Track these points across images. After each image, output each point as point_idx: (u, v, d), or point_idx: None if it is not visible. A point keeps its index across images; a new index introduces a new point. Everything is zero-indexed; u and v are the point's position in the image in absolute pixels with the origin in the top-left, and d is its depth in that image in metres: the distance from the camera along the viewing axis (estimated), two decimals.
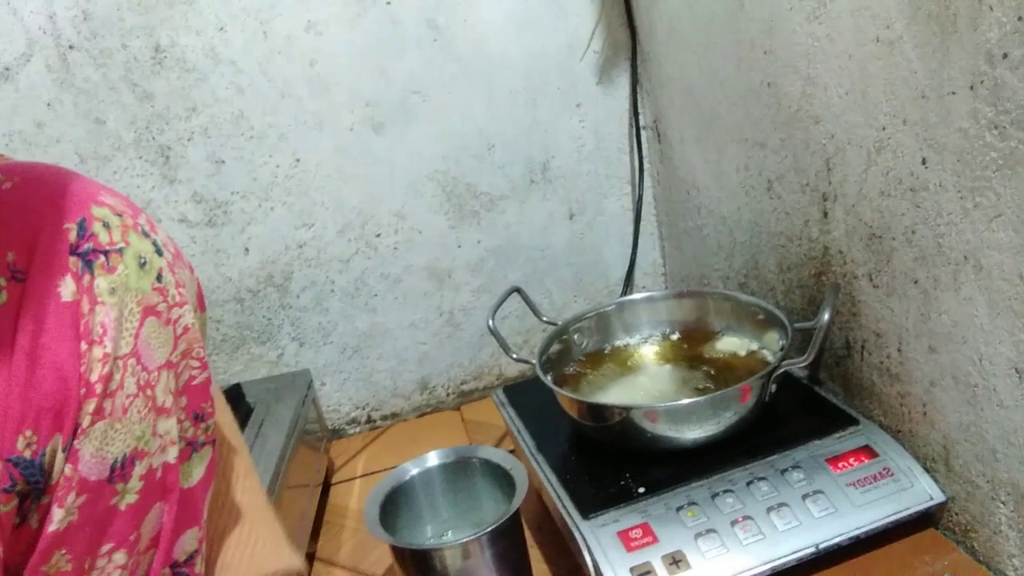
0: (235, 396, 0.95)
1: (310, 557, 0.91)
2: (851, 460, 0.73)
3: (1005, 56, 0.53)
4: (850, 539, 0.68)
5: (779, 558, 0.67)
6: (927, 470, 0.72)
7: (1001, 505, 0.65)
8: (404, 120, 1.08)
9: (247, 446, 0.64)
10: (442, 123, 1.10)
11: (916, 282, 0.68)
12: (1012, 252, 0.57)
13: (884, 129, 0.67)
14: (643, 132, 1.16)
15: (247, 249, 1.08)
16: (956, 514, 0.70)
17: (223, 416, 0.61)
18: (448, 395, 1.21)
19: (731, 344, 0.89)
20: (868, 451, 0.73)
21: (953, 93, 0.59)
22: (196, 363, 0.50)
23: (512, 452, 0.82)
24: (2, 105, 0.96)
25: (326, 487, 1.05)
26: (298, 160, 1.06)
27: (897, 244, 0.69)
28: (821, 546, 0.67)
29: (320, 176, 1.07)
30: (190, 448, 0.50)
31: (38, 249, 0.43)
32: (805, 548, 0.67)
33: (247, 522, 0.59)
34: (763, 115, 0.85)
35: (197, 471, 0.50)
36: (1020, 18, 0.52)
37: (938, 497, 0.70)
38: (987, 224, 0.59)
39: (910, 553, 0.69)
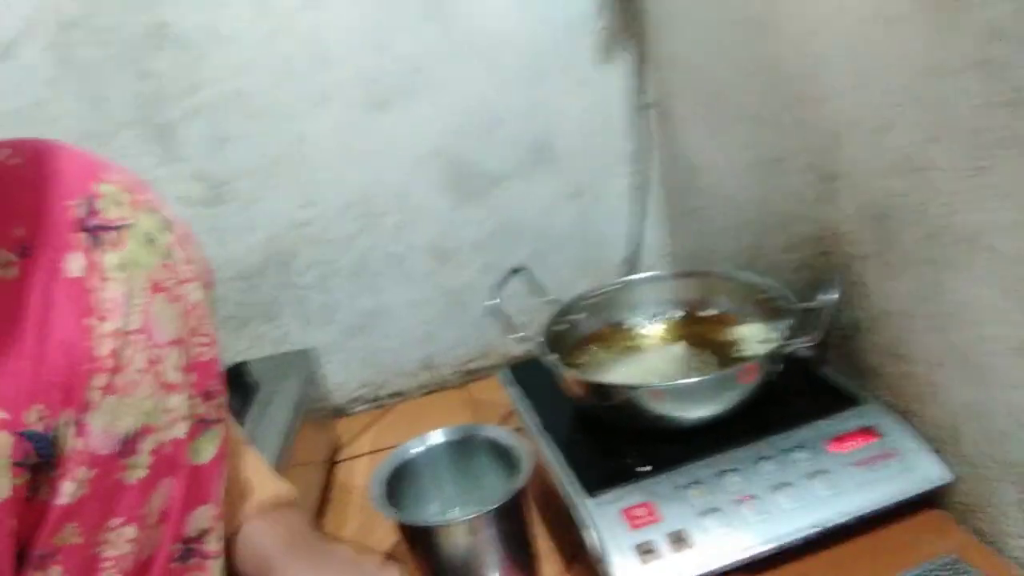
0: (240, 374, 0.96)
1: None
2: (856, 440, 0.73)
3: (1006, 32, 0.53)
4: (854, 519, 0.68)
5: (782, 537, 0.67)
6: (933, 450, 0.72)
7: (1008, 485, 0.65)
8: (407, 98, 1.07)
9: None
10: (445, 101, 1.09)
11: (924, 262, 0.68)
12: (1015, 231, 0.57)
13: (891, 107, 0.66)
14: (647, 111, 1.15)
15: (250, 228, 1.07)
16: (962, 494, 0.70)
17: None
18: (453, 374, 1.21)
19: (749, 332, 0.88)
20: (873, 431, 0.73)
21: (962, 71, 0.58)
22: (204, 339, 0.50)
23: (518, 431, 0.82)
24: (2, 84, 0.95)
25: (332, 465, 1.05)
26: (300, 138, 1.06)
27: (903, 224, 0.69)
28: (825, 525, 0.68)
29: (323, 154, 1.07)
30: (200, 425, 0.50)
31: (46, 225, 0.43)
32: (809, 527, 0.68)
33: (233, 456, 0.59)
34: (768, 93, 0.84)
35: (208, 449, 0.50)
36: None
37: (944, 477, 0.70)
38: (996, 203, 0.58)
39: (915, 533, 0.70)
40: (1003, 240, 0.59)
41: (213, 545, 0.51)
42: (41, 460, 0.41)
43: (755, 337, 0.86)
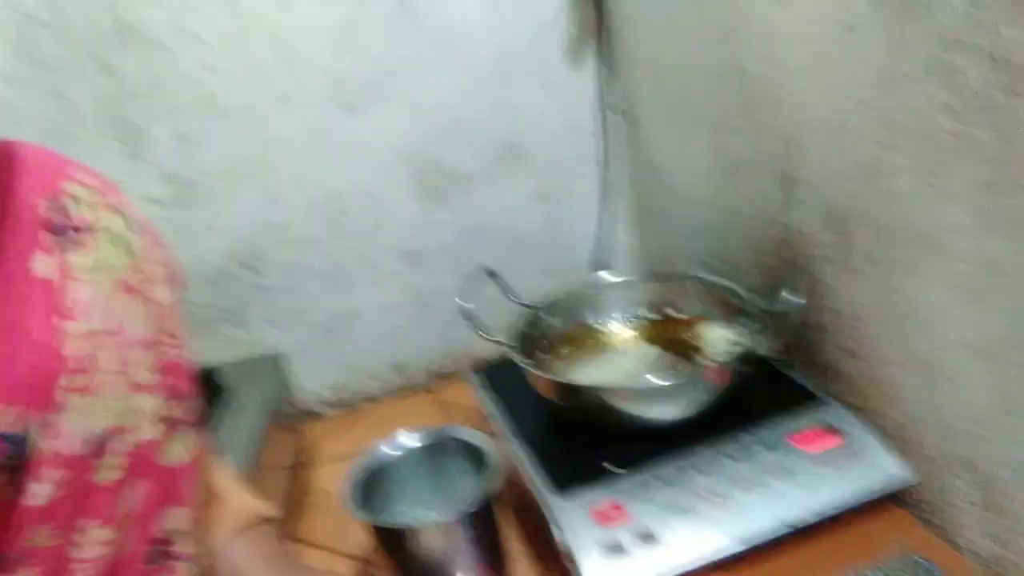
0: (208, 378, 0.95)
1: (287, 539, 0.92)
2: (819, 440, 0.75)
3: (958, 41, 0.55)
4: (816, 515, 0.70)
5: (747, 534, 0.69)
6: (893, 450, 0.74)
7: (962, 483, 0.67)
8: (374, 99, 1.08)
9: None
10: (413, 103, 1.09)
11: (875, 263, 0.70)
12: (967, 234, 0.59)
13: (846, 112, 0.69)
14: (611, 114, 1.17)
15: (216, 229, 1.07)
16: (922, 493, 0.72)
17: None
18: (423, 376, 1.21)
19: (715, 334, 0.90)
20: (833, 430, 0.75)
21: (912, 77, 0.60)
22: (174, 341, 0.50)
23: (487, 433, 0.83)
24: None
25: (301, 469, 1.05)
26: (267, 139, 1.05)
27: (857, 225, 0.71)
28: (788, 523, 0.69)
29: (290, 155, 1.06)
30: (169, 426, 0.50)
31: (13, 225, 0.43)
32: (773, 525, 0.69)
33: (207, 468, 0.59)
34: (730, 98, 0.86)
35: (179, 451, 0.50)
36: (972, 3, 0.53)
37: (902, 475, 0.72)
38: (944, 206, 0.61)
39: (877, 531, 0.71)
40: (949, 242, 0.61)
41: (184, 547, 0.51)
42: (12, 462, 0.41)
43: (721, 339, 0.88)
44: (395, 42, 1.06)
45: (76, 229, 0.45)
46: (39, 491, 0.42)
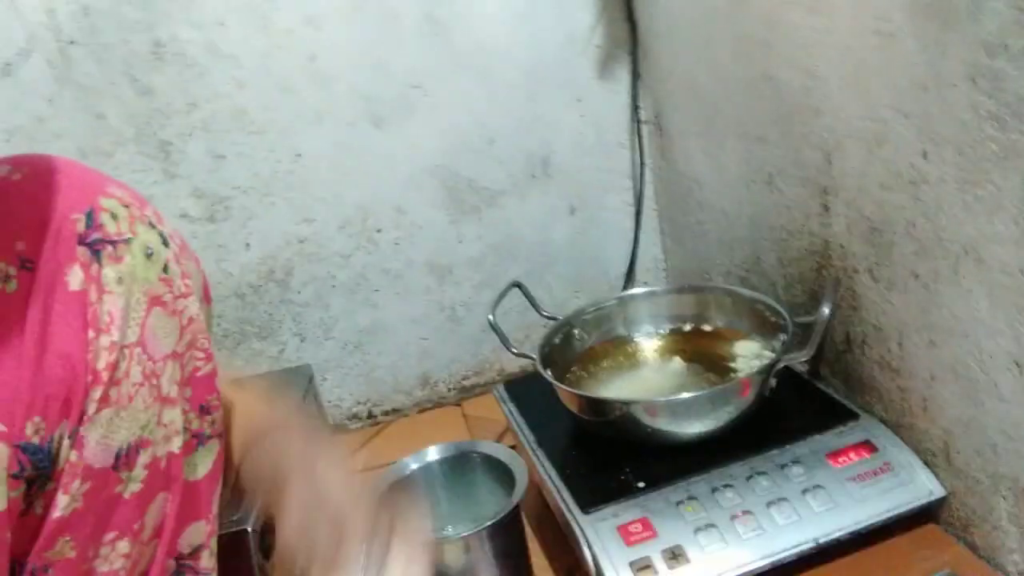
0: None
1: None
2: (851, 455, 0.72)
3: (1005, 47, 0.53)
4: (850, 534, 0.68)
5: (778, 552, 0.67)
6: (927, 465, 0.71)
7: (1002, 500, 0.64)
8: (404, 114, 1.08)
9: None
10: (442, 117, 1.09)
11: (916, 276, 0.68)
12: (1012, 245, 0.57)
13: (884, 122, 0.67)
14: (644, 126, 1.16)
15: (248, 244, 1.08)
16: (956, 509, 0.70)
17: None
18: (449, 390, 1.21)
19: (745, 347, 0.88)
20: (868, 446, 0.73)
21: (953, 85, 0.58)
22: (201, 354, 0.50)
23: (513, 447, 0.82)
24: (3, 101, 0.96)
25: None
26: (298, 155, 1.06)
27: (897, 238, 0.69)
28: (820, 541, 0.67)
29: (320, 171, 1.07)
30: (195, 440, 0.50)
31: (47, 239, 0.44)
32: (804, 543, 0.67)
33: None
34: (763, 109, 0.85)
35: (203, 465, 0.50)
36: (1019, 8, 0.51)
37: (938, 492, 0.70)
38: (987, 217, 0.59)
39: (910, 548, 0.69)
40: (993, 254, 0.59)
41: (206, 561, 0.51)
42: (37, 473, 0.41)
43: (751, 352, 0.86)
44: (424, 57, 1.07)
45: (111, 243, 0.45)
46: (62, 503, 0.42)
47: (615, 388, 0.87)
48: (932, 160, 0.63)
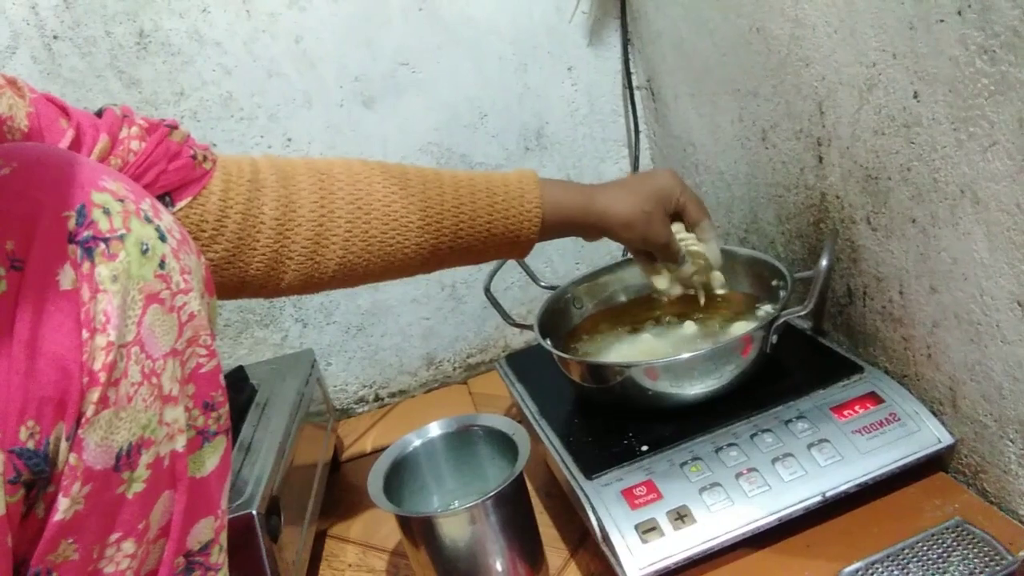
0: (238, 378, 0.95)
1: (321, 535, 0.92)
2: (856, 407, 0.71)
3: None
4: (857, 486, 0.67)
5: (785, 508, 0.66)
6: (934, 413, 0.70)
7: (1010, 443, 0.63)
8: (394, 93, 1.07)
9: None
10: (432, 94, 1.08)
11: (914, 221, 0.66)
12: (1008, 181, 0.56)
13: (874, 65, 0.65)
14: (637, 92, 1.15)
15: None
16: (965, 456, 0.69)
17: None
18: (455, 369, 1.20)
19: (747, 306, 0.87)
20: (873, 397, 0.72)
21: (941, 21, 0.57)
22: (203, 351, 0.49)
23: (520, 421, 0.81)
24: None
25: (336, 466, 1.05)
26: (289, 139, 1.05)
27: (893, 184, 0.68)
28: (828, 494, 0.66)
29: (312, 154, 1.07)
30: (200, 437, 0.49)
31: (37, 237, 0.42)
32: (811, 497, 0.66)
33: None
34: (754, 63, 0.83)
35: (210, 461, 0.49)
36: None
37: (946, 440, 0.68)
38: (982, 154, 0.57)
39: (919, 497, 0.68)
40: (989, 192, 0.57)
41: (216, 557, 0.50)
42: (35, 477, 0.40)
43: (756, 311, 0.85)
44: (412, 34, 1.06)
45: (104, 240, 0.44)
46: (64, 505, 0.41)
47: (616, 353, 0.86)
48: (924, 100, 0.61)
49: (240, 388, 0.94)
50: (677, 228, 0.78)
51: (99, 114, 0.60)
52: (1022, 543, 0.62)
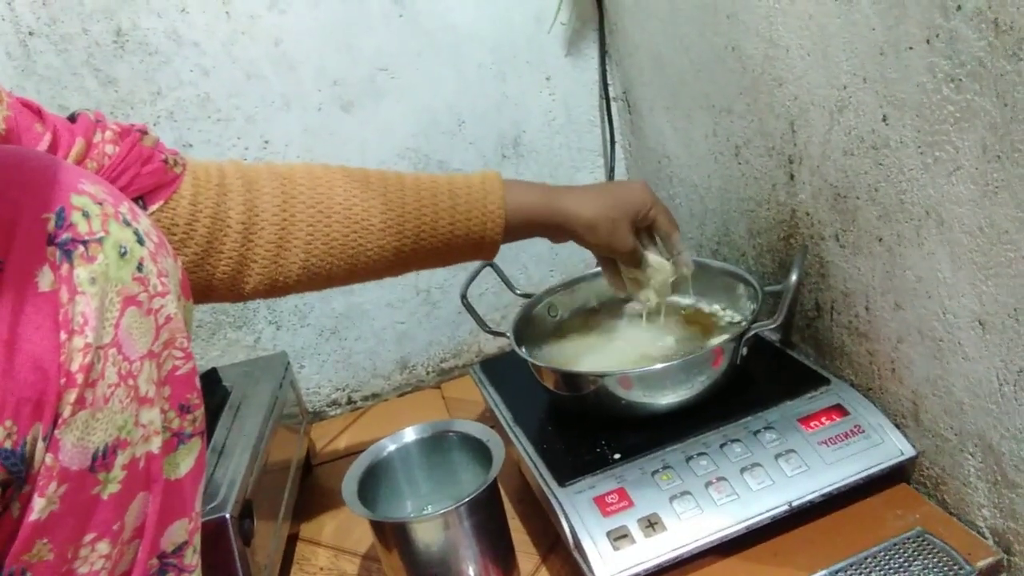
0: (211, 380, 0.95)
1: (293, 538, 0.92)
2: (822, 419, 0.73)
3: (959, 8, 0.53)
4: (823, 496, 0.69)
5: (753, 516, 0.68)
6: (897, 426, 0.73)
7: (969, 456, 0.65)
8: (372, 98, 1.07)
9: None
10: (411, 100, 1.09)
11: (881, 240, 0.69)
12: (971, 205, 0.58)
13: (845, 88, 0.67)
14: (613, 103, 1.16)
15: None
16: (926, 468, 0.71)
17: None
18: (428, 373, 1.21)
19: (717, 318, 0.89)
20: (839, 409, 0.74)
21: (911, 48, 0.59)
22: (180, 353, 0.49)
23: (493, 427, 0.82)
24: None
25: (309, 469, 1.05)
26: (267, 142, 1.05)
27: (861, 203, 0.70)
28: (794, 503, 0.68)
29: (289, 157, 1.06)
30: (176, 439, 0.49)
31: (16, 239, 0.42)
32: (778, 506, 0.68)
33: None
34: (728, 80, 0.85)
35: (185, 463, 0.50)
36: None
37: (908, 452, 0.71)
38: (947, 178, 0.59)
39: (882, 508, 0.70)
40: (953, 214, 0.60)
41: (189, 559, 0.50)
42: (11, 476, 0.40)
43: (726, 323, 0.87)
44: (392, 40, 1.06)
45: (83, 243, 0.44)
46: (38, 505, 0.41)
47: (590, 362, 0.87)
48: (892, 124, 0.63)
49: (213, 390, 0.94)
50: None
51: (72, 119, 0.60)
52: (980, 553, 0.64)
